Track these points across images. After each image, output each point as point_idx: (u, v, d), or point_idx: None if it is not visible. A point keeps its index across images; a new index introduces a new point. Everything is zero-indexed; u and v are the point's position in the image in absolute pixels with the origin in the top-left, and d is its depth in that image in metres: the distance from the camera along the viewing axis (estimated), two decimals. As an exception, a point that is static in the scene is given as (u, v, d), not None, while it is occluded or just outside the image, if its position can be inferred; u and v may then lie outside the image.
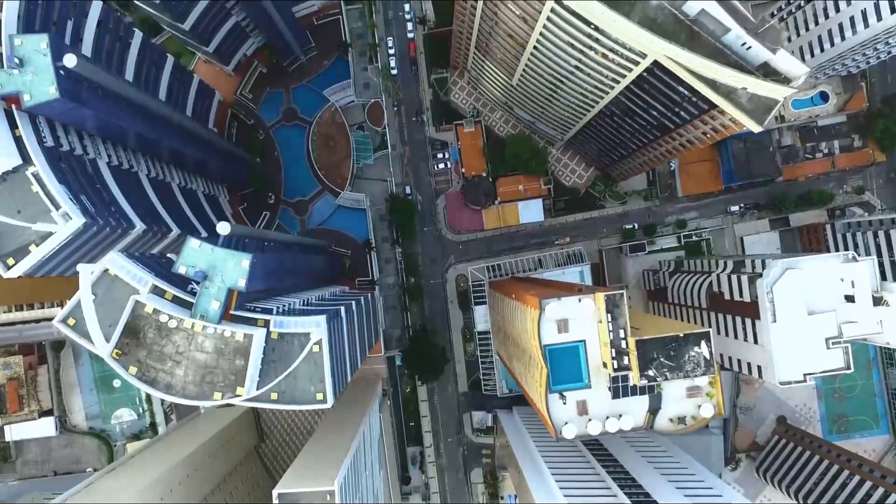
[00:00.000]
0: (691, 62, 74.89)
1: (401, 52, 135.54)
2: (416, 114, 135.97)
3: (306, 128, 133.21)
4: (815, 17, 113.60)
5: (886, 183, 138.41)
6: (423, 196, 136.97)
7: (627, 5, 76.62)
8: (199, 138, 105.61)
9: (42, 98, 64.88)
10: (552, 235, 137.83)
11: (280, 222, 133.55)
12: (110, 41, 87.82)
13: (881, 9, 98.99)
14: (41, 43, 64.52)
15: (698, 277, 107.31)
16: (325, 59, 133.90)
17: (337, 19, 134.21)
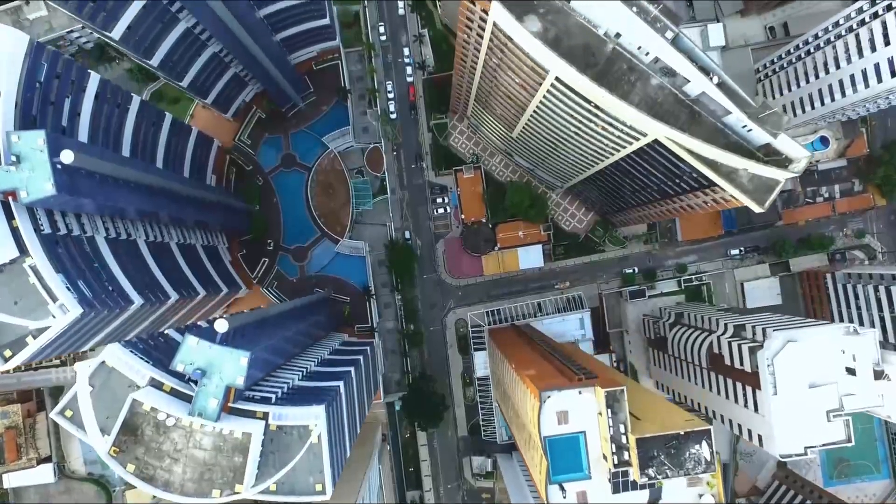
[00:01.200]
0: (692, 144, 74.49)
1: (400, 97, 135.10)
2: (415, 158, 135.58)
3: (305, 174, 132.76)
4: (816, 70, 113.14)
5: (887, 226, 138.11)
6: (422, 240, 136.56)
7: (628, 85, 76.29)
8: (198, 199, 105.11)
9: (39, 195, 64.41)
10: (552, 279, 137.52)
11: (279, 268, 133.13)
12: (108, 110, 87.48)
13: (881, 70, 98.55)
14: (38, 139, 64.02)
15: (699, 334, 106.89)
16: (323, 105, 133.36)
17: (336, 64, 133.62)
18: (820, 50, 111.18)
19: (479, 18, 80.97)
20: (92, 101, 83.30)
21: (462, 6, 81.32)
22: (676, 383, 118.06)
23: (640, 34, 71.57)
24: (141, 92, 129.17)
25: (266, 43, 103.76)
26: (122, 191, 78.71)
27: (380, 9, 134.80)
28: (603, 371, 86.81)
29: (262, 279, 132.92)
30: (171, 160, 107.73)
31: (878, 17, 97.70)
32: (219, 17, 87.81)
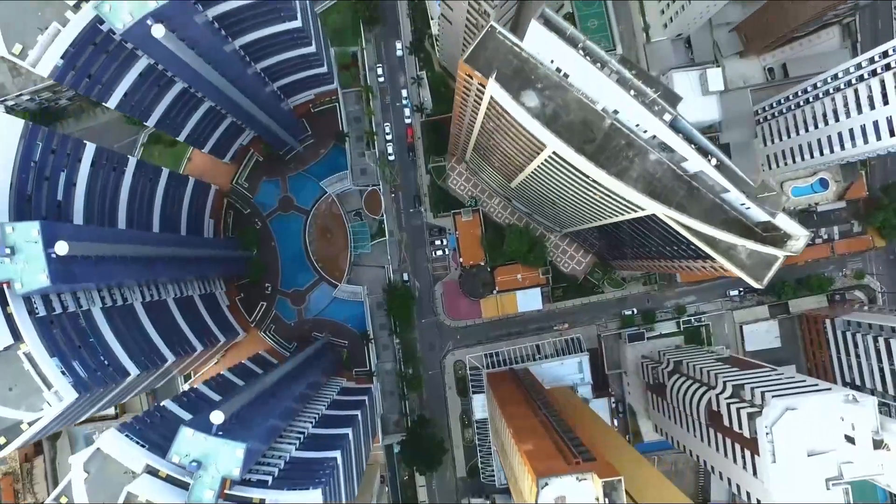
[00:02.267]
0: (689, 222, 74.07)
1: (398, 138, 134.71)
2: (413, 200, 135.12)
3: (303, 217, 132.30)
4: (815, 120, 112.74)
5: (887, 267, 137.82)
6: (420, 282, 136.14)
7: (626, 160, 75.91)
8: (196, 256, 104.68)
9: (34, 286, 64.06)
10: (551, 321, 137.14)
11: (277, 312, 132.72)
12: (104, 175, 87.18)
13: (880, 129, 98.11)
14: (32, 230, 63.64)
15: (697, 388, 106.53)
16: (321, 148, 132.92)
17: (334, 107, 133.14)
18: (819, 100, 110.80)
19: (477, 89, 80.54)
20: (87, 169, 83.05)
21: (460, 74, 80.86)
22: (676, 431, 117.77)
23: (638, 114, 71.10)
24: (137, 133, 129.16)
25: (263, 100, 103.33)
26: (118, 266, 78.31)
27: (378, 50, 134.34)
28: (603, 441, 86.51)
29: (260, 323, 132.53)
30: (168, 215, 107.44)
31: (877, 76, 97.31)
32: (214, 86, 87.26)
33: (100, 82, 78.29)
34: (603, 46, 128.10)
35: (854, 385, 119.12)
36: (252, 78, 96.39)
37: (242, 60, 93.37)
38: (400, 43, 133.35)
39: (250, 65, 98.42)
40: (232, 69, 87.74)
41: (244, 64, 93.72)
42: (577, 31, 69.11)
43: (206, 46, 77.30)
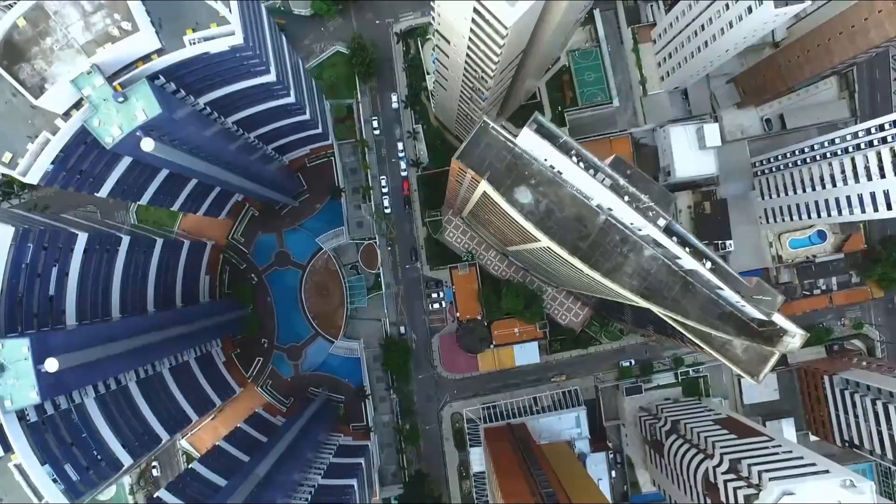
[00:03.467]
0: (683, 319, 73.64)
1: (394, 190, 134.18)
2: (410, 252, 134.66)
3: (300, 272, 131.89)
4: (812, 182, 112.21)
5: (885, 316, 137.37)
6: (417, 335, 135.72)
7: (621, 256, 75.38)
8: (192, 331, 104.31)
9: (24, 403, 63.75)
10: (548, 372, 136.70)
11: (273, 367, 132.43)
12: (97, 259, 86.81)
13: (877, 201, 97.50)
14: (22, 347, 63.26)
15: (695, 454, 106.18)
16: (317, 203, 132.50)
17: (330, 160, 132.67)
18: (815, 163, 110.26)
19: (471, 180, 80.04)
20: (80, 257, 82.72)
21: (453, 166, 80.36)
22: (673, 491, 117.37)
23: (632, 216, 70.60)
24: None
25: (255, 172, 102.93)
26: (113, 364, 77.94)
27: (373, 103, 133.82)
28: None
29: (257, 378, 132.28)
30: (163, 286, 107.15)
31: (874, 147, 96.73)
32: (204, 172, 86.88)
33: (91, 176, 77.78)
34: (600, 99, 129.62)
35: (853, 444, 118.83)
36: (244, 155, 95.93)
37: (234, 139, 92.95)
38: (396, 96, 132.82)
39: (243, 138, 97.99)
40: (223, 153, 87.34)
41: (236, 143, 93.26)
42: (570, 139, 68.40)
43: (196, 143, 76.86)
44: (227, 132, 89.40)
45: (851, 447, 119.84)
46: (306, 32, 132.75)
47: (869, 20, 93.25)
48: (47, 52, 64.08)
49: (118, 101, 63.63)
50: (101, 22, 64.22)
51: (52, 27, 64.28)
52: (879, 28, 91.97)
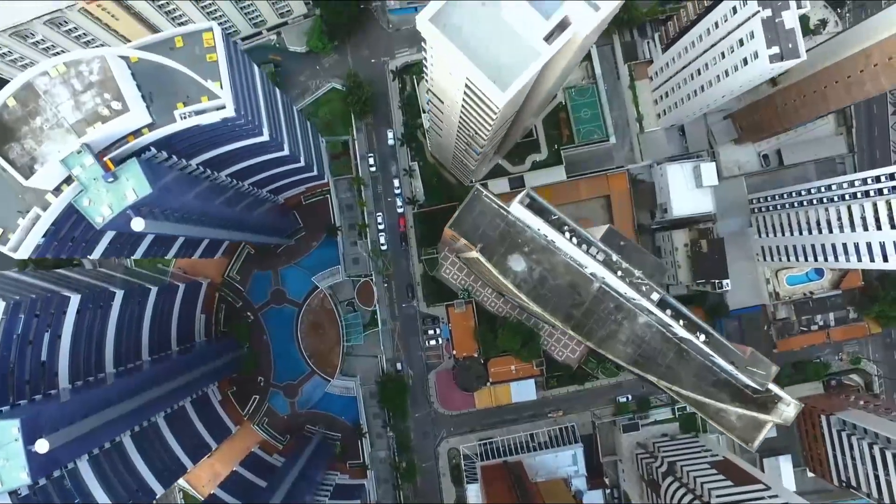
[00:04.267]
0: (677, 389, 73.41)
1: (390, 227, 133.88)
2: (406, 289, 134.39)
3: (296, 310, 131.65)
4: (808, 226, 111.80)
5: (883, 351, 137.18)
6: (414, 371, 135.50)
7: (615, 324, 75.18)
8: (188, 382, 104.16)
9: (14, 484, 63.53)
10: (545, 408, 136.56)
11: (270, 405, 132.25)
12: (90, 318, 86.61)
13: (873, 252, 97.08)
14: (12, 428, 62.99)
15: (691, 500, 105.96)
16: (313, 241, 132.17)
17: (326, 198, 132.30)
18: (813, 207, 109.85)
19: (465, 243, 79.76)
20: (73, 318, 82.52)
21: (446, 232, 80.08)
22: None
23: (625, 288, 70.33)
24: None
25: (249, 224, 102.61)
26: (107, 430, 77.74)
27: (369, 139, 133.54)
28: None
29: (253, 416, 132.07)
30: (158, 333, 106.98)
31: (870, 198, 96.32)
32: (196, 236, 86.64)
33: (83, 242, 77.39)
34: (597, 136, 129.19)
35: (849, 485, 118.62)
36: (237, 208, 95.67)
37: (227, 192, 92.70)
38: (391, 132, 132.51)
39: (236, 189, 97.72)
40: (216, 210, 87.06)
41: (229, 196, 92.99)
42: (563, 216, 68.11)
43: (188, 208, 76.58)
44: (220, 188, 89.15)
45: (849, 488, 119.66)
46: (302, 69, 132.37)
47: (865, 72, 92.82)
48: (37, 132, 63.81)
49: (108, 181, 63.27)
50: (91, 101, 63.91)
51: (42, 106, 63.97)
52: (875, 81, 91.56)
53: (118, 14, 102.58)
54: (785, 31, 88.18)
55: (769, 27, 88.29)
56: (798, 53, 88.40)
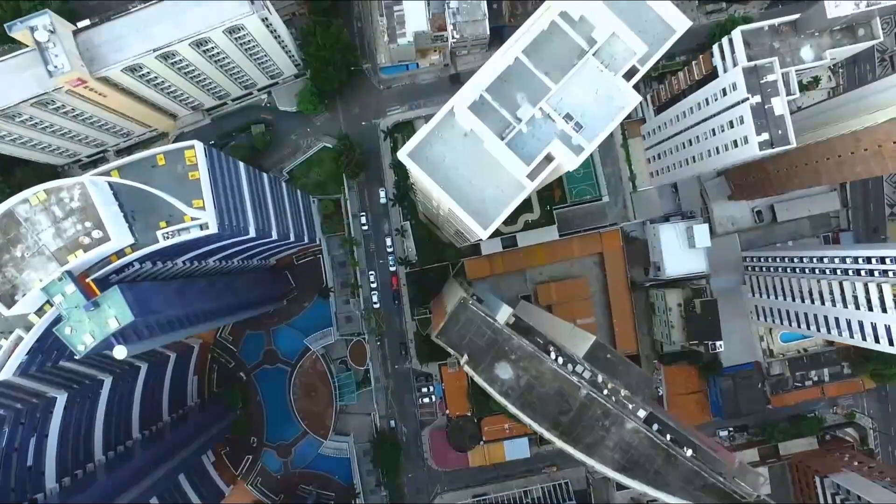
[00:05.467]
0: (665, 497, 73.15)
1: (383, 285, 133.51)
2: (399, 346, 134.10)
3: (288, 370, 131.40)
4: (801, 294, 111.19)
5: (878, 405, 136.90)
6: (408, 428, 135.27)
7: (602, 430, 74.82)
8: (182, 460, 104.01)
9: None
10: (539, 463, 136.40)
11: (263, 464, 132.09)
12: (77, 411, 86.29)
13: (865, 330, 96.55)
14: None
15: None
16: (305, 301, 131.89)
17: (318, 258, 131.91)
18: (805, 276, 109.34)
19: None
20: (60, 417, 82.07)
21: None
22: None
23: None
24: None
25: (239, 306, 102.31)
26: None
27: (361, 198, 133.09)
28: None
29: (247, 475, 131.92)
30: (149, 408, 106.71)
31: (861, 278, 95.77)
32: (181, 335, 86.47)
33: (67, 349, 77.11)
34: (589, 196, 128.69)
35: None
36: (226, 295, 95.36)
37: (213, 278, 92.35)
38: (384, 191, 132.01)
39: (223, 273, 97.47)
40: (203, 306, 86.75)
41: (215, 285, 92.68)
42: (547, 336, 67.76)
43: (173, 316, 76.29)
44: (207, 277, 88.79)
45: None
46: (293, 127, 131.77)
47: (855, 155, 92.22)
48: (18, 261, 63.59)
49: (89, 310, 62.95)
50: (72, 228, 63.63)
51: (24, 234, 63.72)
52: (865, 165, 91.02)
53: (105, 91, 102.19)
54: (774, 118, 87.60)
55: (758, 114, 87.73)
56: (788, 141, 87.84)
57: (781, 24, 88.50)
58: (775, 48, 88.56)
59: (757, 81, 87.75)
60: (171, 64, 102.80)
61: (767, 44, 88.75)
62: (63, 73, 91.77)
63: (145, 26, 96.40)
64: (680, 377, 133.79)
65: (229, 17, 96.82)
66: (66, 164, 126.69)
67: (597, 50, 55.25)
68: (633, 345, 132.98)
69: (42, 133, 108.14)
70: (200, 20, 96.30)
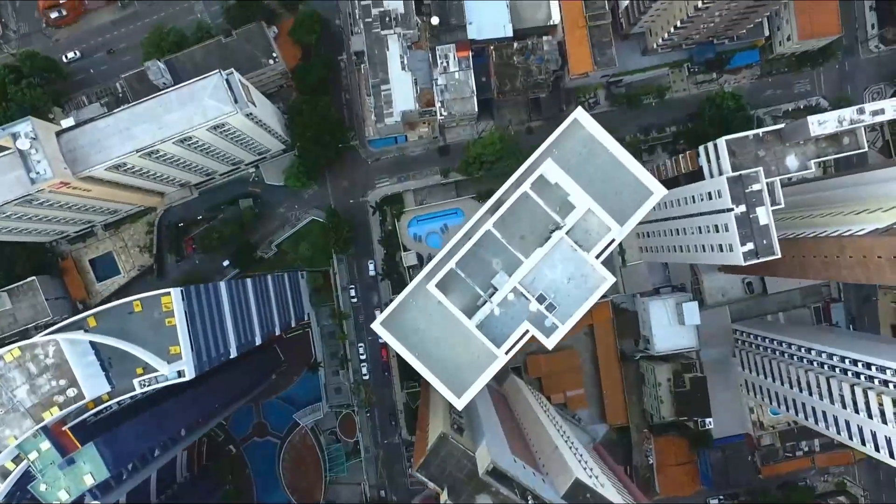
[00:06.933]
0: None
1: (373, 357, 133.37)
2: (389, 416, 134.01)
3: (278, 443, 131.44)
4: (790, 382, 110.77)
5: (868, 474, 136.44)
6: (398, 497, 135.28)
7: (583, 562, 74.55)
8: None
9: None
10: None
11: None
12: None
13: (852, 432, 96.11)
14: None
15: None
16: (294, 374, 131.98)
17: (306, 331, 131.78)
18: (793, 363, 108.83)
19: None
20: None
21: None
22: None
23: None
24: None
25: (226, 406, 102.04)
26: None
27: (350, 271, 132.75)
28: None
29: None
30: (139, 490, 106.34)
31: (847, 378, 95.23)
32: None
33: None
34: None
35: None
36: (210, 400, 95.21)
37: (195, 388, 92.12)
38: (373, 263, 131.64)
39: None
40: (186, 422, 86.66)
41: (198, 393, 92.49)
42: (526, 483, 67.53)
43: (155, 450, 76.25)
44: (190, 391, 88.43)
45: None
46: (281, 200, 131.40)
47: (840, 259, 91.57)
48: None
49: (64, 468, 62.80)
50: (46, 385, 63.51)
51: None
52: (851, 271, 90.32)
53: (89, 186, 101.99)
54: (759, 228, 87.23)
55: (743, 223, 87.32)
56: (773, 251, 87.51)
57: (766, 134, 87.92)
58: (760, 157, 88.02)
59: (742, 191, 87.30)
60: (155, 158, 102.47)
61: (752, 152, 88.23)
62: (45, 179, 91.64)
63: (127, 126, 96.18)
64: (670, 448, 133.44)
65: (213, 116, 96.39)
66: (54, 241, 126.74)
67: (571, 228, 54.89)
68: (623, 416, 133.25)
69: (27, 222, 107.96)
70: (183, 121, 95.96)
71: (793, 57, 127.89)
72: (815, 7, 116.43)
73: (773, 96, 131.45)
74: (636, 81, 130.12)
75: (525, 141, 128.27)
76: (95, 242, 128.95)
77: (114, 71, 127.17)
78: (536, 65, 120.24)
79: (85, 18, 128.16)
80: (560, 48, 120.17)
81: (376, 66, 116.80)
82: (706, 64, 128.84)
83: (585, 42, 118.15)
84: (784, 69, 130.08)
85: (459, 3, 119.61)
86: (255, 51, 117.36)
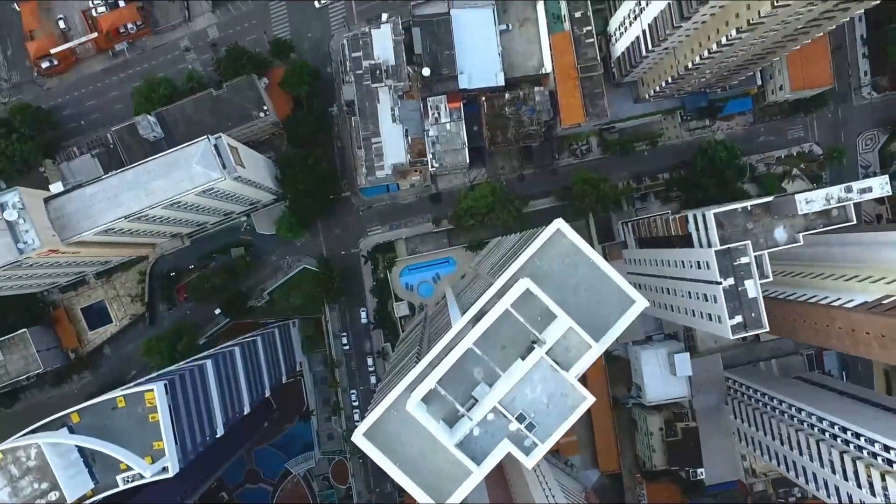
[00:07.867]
0: None
1: (365, 404, 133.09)
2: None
3: (270, 490, 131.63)
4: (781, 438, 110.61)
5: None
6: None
7: None
8: None
9: None
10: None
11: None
12: None
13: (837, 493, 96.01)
14: None
15: None
16: (287, 422, 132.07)
17: (298, 379, 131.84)
18: (784, 421, 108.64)
19: None
20: None
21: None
22: None
23: None
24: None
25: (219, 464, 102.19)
26: None
27: (342, 318, 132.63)
28: None
29: None
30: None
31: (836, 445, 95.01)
32: None
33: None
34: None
35: None
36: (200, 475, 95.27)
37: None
38: (365, 311, 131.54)
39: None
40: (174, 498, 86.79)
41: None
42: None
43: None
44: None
45: None
46: (273, 248, 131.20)
47: (830, 328, 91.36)
48: (-25, 522, 63.15)
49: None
50: (28, 487, 63.55)
51: (-20, 495, 63.35)
52: (840, 340, 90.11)
53: (79, 250, 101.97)
54: (748, 301, 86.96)
55: (731, 297, 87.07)
56: (761, 325, 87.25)
57: (754, 207, 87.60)
58: (748, 229, 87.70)
59: (730, 263, 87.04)
60: (144, 220, 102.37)
61: (741, 224, 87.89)
62: (34, 248, 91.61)
63: (115, 194, 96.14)
64: (662, 495, 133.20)
65: (201, 183, 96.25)
66: (46, 290, 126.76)
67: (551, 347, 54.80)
68: (615, 463, 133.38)
69: (17, 280, 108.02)
70: (171, 187, 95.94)
71: (786, 104, 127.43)
72: (807, 59, 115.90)
73: (766, 142, 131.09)
74: (629, 127, 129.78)
75: (517, 188, 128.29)
76: (87, 290, 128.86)
77: (105, 119, 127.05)
78: (528, 116, 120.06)
79: (76, 68, 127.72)
80: (552, 98, 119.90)
81: (367, 119, 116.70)
82: (699, 111, 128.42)
83: (577, 93, 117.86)
84: (777, 116, 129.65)
85: (451, 53, 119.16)
86: (245, 103, 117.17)
